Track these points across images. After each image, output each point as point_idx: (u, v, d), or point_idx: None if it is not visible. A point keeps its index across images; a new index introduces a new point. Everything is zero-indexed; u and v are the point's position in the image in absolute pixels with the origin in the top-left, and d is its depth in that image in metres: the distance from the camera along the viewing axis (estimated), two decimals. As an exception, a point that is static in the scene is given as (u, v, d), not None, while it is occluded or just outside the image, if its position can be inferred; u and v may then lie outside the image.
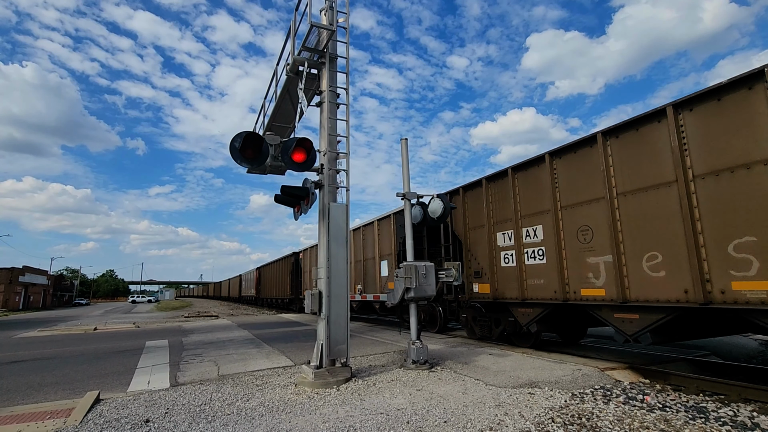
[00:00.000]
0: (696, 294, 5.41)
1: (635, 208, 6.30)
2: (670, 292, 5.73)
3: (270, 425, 4.30)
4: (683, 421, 4.19)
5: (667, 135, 5.91)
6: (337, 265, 6.30)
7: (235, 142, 5.68)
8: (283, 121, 9.18)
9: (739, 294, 5.07)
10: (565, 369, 6.41)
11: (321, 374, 5.94)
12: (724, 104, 5.38)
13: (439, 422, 4.25)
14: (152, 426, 4.40)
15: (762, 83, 5.01)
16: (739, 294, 5.06)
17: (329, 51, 6.98)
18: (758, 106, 5.04)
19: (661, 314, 5.89)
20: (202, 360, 8.35)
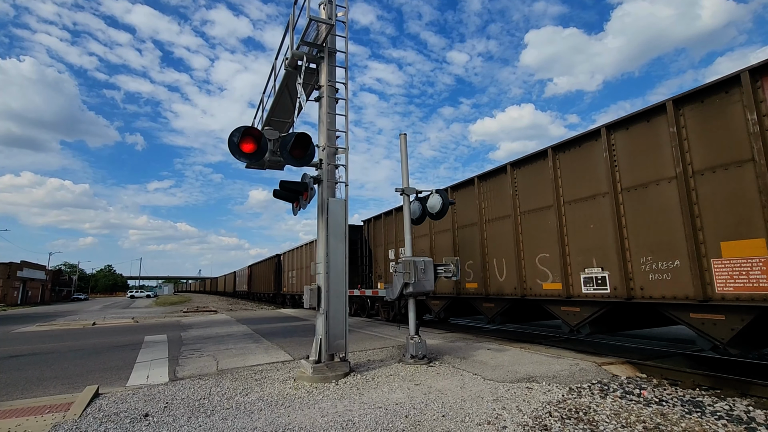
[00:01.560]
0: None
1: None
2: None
3: (269, 419, 4.32)
4: (679, 415, 4.22)
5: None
6: (336, 260, 6.30)
7: (234, 137, 5.66)
8: (282, 116, 9.15)
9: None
10: (562, 364, 6.44)
11: (320, 369, 5.96)
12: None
13: (437, 416, 4.28)
14: (151, 420, 4.41)
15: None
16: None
17: (328, 45, 6.95)
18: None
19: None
20: (201, 355, 8.37)
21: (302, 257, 23.10)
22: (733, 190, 5.25)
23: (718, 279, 5.28)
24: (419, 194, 7.98)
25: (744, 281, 5.05)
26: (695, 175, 5.61)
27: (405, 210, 7.68)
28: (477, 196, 9.62)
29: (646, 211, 6.18)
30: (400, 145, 7.83)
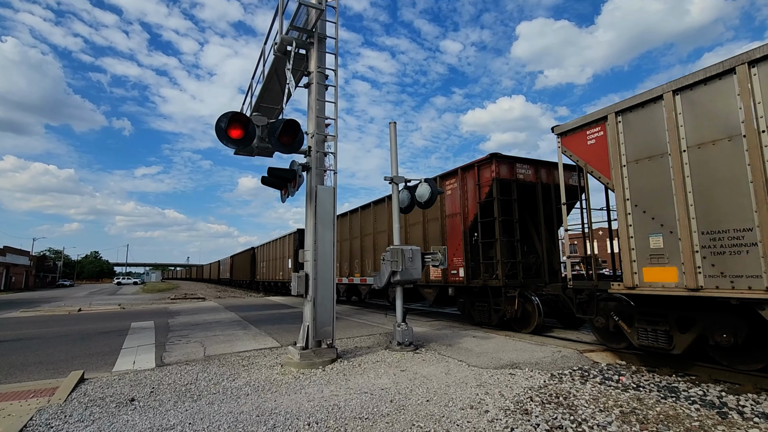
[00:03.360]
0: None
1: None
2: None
3: (255, 404, 4.36)
4: (655, 400, 4.37)
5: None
6: (324, 247, 6.32)
7: (221, 123, 5.59)
8: (271, 102, 9.04)
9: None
10: (545, 351, 6.59)
11: (307, 355, 6.01)
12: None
13: (421, 401, 4.36)
14: (137, 404, 4.43)
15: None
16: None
17: (318, 31, 6.85)
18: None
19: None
20: (189, 341, 8.37)
21: (272, 250, 26.68)
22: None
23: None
24: (408, 183, 8.00)
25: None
26: None
27: (393, 199, 7.69)
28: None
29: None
30: (390, 133, 7.82)
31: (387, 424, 3.76)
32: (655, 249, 5.59)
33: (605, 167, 6.34)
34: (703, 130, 5.18)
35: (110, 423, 3.91)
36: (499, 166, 8.90)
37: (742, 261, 4.73)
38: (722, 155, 4.99)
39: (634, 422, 3.76)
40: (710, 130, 5.11)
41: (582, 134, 6.77)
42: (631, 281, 5.78)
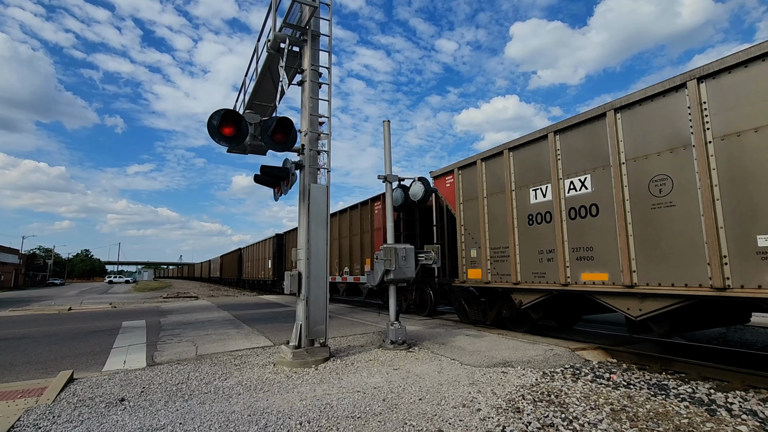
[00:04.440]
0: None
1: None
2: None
3: (247, 403, 4.34)
4: (645, 398, 4.41)
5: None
6: (317, 246, 6.29)
7: (213, 120, 5.54)
8: (265, 100, 8.98)
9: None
10: (537, 349, 6.62)
11: (300, 354, 5.99)
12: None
13: (414, 399, 4.37)
14: (127, 404, 4.38)
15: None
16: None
17: (311, 28, 6.81)
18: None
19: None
20: (180, 340, 8.31)
21: (256, 252, 30.14)
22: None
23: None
24: (402, 181, 7.99)
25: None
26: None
27: (387, 197, 7.69)
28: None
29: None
30: (384, 132, 7.80)
31: (379, 423, 3.76)
32: (473, 257, 9.08)
33: (453, 203, 9.74)
34: (493, 187, 8.62)
35: (99, 423, 3.87)
36: None
37: (505, 265, 8.18)
38: (498, 202, 8.48)
39: (625, 420, 3.79)
40: (496, 186, 8.53)
41: (443, 179, 10.10)
42: (463, 278, 9.30)
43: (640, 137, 5.94)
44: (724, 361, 6.08)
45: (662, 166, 5.67)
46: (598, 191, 6.51)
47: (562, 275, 6.93)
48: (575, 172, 6.90)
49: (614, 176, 6.24)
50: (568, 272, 6.88)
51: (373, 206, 13.46)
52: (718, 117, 5.14)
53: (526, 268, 7.66)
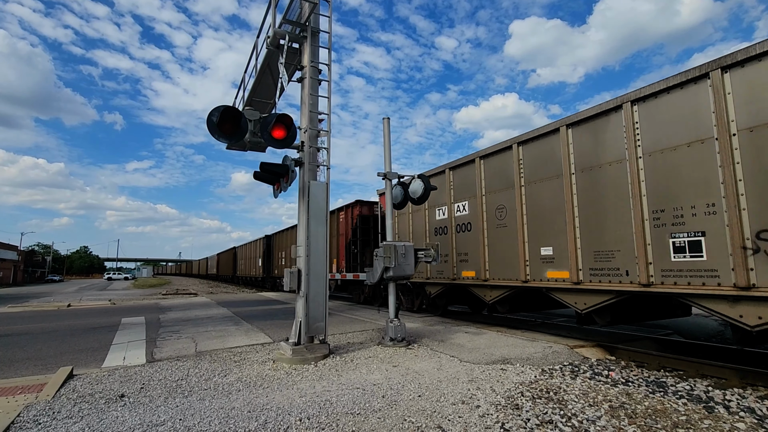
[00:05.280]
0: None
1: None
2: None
3: (247, 399, 4.35)
4: (643, 395, 4.42)
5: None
6: (317, 243, 6.30)
7: (213, 117, 5.52)
8: (264, 97, 8.96)
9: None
10: (536, 346, 6.64)
11: (299, 351, 6.01)
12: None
13: (413, 396, 4.38)
14: (127, 401, 4.39)
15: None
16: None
17: (311, 25, 6.79)
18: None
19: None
20: (180, 337, 8.32)
21: (249, 251, 33.21)
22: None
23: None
24: (401, 179, 7.99)
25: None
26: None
27: (387, 194, 7.69)
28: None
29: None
30: (383, 129, 7.79)
31: (379, 420, 3.77)
32: None
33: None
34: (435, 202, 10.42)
35: (99, 419, 3.87)
36: (361, 208, 14.84)
37: (422, 265, 9.73)
38: (418, 216, 11.19)
39: (623, 417, 3.80)
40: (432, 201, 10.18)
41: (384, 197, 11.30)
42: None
43: (489, 178, 8.83)
44: (722, 358, 6.10)
45: (502, 199, 8.42)
46: (471, 213, 9.27)
47: (452, 273, 9.69)
48: (460, 199, 9.65)
49: (478, 204, 9.03)
50: (455, 270, 9.60)
51: (338, 215, 16.12)
52: (525, 171, 7.97)
53: (433, 267, 10.37)
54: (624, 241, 6.12)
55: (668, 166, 5.68)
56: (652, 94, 5.90)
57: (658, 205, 5.75)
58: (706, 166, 5.28)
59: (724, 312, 5.10)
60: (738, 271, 4.88)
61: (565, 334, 7.92)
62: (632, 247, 5.99)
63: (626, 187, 6.14)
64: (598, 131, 6.62)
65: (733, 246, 4.94)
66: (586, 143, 6.78)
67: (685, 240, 5.44)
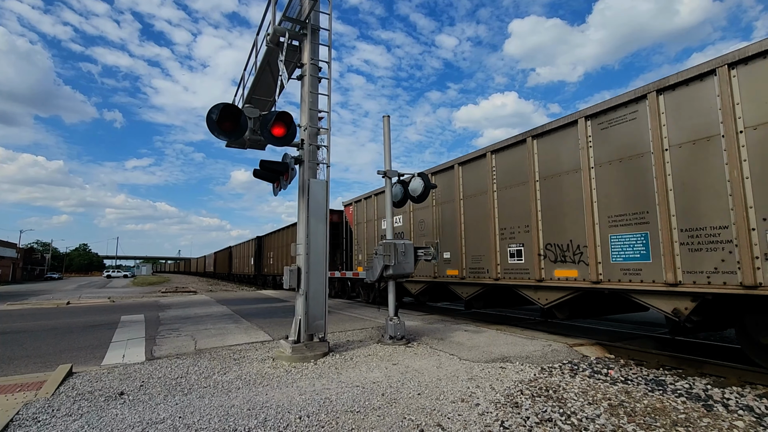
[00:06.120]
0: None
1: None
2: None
3: (247, 397, 4.35)
4: (642, 393, 4.43)
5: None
6: (317, 241, 6.29)
7: (212, 114, 5.51)
8: (264, 94, 8.94)
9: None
10: (535, 345, 6.65)
11: (299, 349, 6.01)
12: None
13: (413, 394, 4.38)
14: (127, 398, 4.39)
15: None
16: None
17: (311, 22, 6.77)
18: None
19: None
20: (179, 334, 8.32)
21: (243, 250, 35.72)
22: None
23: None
24: (401, 177, 7.98)
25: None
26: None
27: (387, 192, 7.68)
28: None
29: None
30: (383, 127, 7.78)
31: (378, 418, 3.77)
32: (360, 259, 14.31)
33: (352, 223, 15.14)
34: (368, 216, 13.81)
35: (99, 417, 3.87)
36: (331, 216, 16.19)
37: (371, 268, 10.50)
38: (370, 226, 13.72)
39: (622, 415, 3.81)
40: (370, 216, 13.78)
41: (348, 207, 15.55)
42: (354, 273, 14.23)
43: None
44: (721, 357, 6.11)
45: (422, 215, 10.88)
46: (405, 224, 11.74)
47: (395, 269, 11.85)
48: (397, 213, 11.89)
49: (409, 219, 11.55)
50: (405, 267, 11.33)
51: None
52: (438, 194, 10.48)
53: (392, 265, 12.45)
54: (488, 249, 8.59)
55: (507, 198, 8.20)
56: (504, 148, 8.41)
57: (503, 225, 8.28)
58: (526, 201, 7.74)
59: (530, 295, 7.69)
60: (536, 270, 7.42)
61: (564, 333, 7.93)
62: (489, 253, 8.52)
63: (490, 209, 8.59)
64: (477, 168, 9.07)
65: (534, 253, 7.45)
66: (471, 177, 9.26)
67: (515, 249, 7.92)
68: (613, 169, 6.28)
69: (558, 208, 7.11)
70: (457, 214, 9.48)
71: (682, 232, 5.40)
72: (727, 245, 4.95)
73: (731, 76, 5.01)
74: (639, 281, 5.85)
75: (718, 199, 5.05)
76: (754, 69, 4.84)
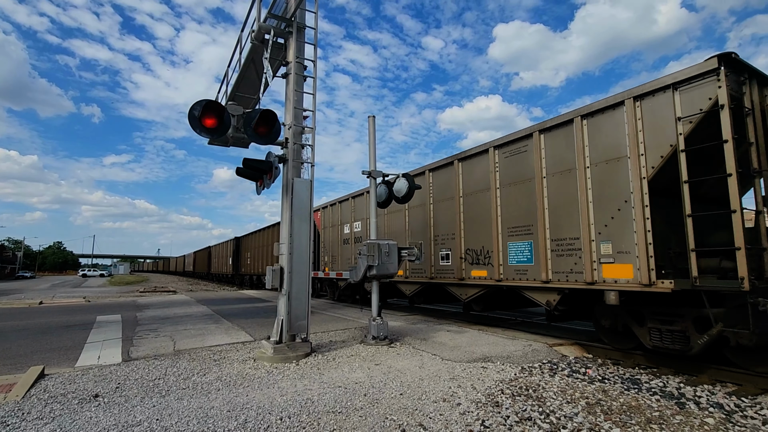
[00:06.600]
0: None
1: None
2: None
3: (227, 399, 4.29)
4: (619, 392, 4.54)
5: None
6: (300, 240, 6.24)
7: (195, 111, 5.41)
8: (248, 92, 8.84)
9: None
10: (516, 345, 6.74)
11: (281, 349, 5.95)
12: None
13: (395, 394, 4.39)
14: (102, 401, 4.27)
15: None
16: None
17: (297, 20, 6.72)
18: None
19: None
20: (158, 335, 8.14)
21: (222, 250, 36.82)
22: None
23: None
24: (386, 177, 7.99)
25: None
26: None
27: (371, 192, 7.67)
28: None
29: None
30: (369, 127, 7.78)
31: (360, 418, 3.77)
32: (326, 261, 15.23)
33: (320, 227, 15.76)
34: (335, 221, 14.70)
35: (72, 420, 3.76)
36: None
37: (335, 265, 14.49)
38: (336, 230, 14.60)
39: (599, 413, 3.89)
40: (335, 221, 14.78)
41: (317, 213, 15.88)
42: (323, 273, 15.11)
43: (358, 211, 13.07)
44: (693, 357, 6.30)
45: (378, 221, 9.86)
46: (362, 230, 12.76)
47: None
48: (357, 220, 13.18)
49: (361, 226, 12.86)
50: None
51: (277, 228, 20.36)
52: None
53: (344, 266, 13.72)
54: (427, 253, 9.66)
55: (439, 210, 9.54)
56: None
57: (437, 233, 9.55)
58: (452, 213, 9.05)
59: (455, 291, 9.02)
60: (459, 270, 8.79)
61: (545, 333, 8.06)
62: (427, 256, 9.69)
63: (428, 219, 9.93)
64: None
65: (458, 257, 8.75)
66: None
67: (445, 253, 9.22)
68: (512, 190, 7.67)
69: (475, 219, 8.46)
70: (404, 223, 10.86)
71: (552, 242, 6.84)
72: (578, 252, 6.42)
73: (583, 125, 6.48)
74: (526, 279, 7.25)
75: (574, 216, 6.51)
76: (595, 121, 6.35)
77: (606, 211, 6.07)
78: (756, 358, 5.02)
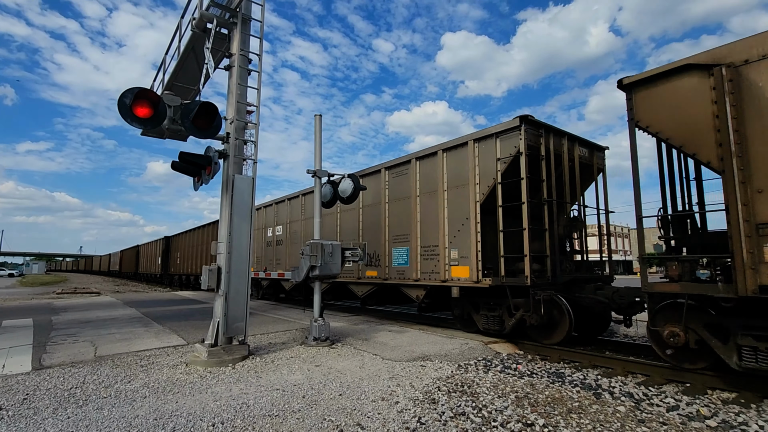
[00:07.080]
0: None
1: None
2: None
3: (153, 406, 4.03)
4: (545, 385, 4.86)
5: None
6: (240, 239, 6.03)
7: (126, 98, 5.04)
8: (187, 82, 8.38)
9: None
10: (454, 343, 6.98)
11: (216, 352, 5.70)
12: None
13: (334, 395, 4.38)
14: (5, 414, 3.84)
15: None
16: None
17: (242, 11, 6.50)
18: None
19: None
20: (76, 340, 7.45)
21: (150, 249, 36.33)
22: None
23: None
24: (331, 177, 7.94)
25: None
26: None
27: (316, 192, 7.59)
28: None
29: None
30: (315, 126, 7.69)
31: (297, 420, 3.71)
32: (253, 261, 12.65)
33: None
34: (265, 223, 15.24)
35: (-33, 437, 3.34)
36: None
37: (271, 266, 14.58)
38: (262, 233, 15.14)
39: (527, 405, 4.15)
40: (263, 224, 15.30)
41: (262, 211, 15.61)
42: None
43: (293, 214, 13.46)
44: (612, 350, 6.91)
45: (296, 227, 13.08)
46: (284, 233, 13.80)
47: (276, 271, 13.83)
48: (279, 224, 14.18)
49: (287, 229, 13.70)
50: (279, 269, 13.69)
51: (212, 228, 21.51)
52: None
53: (272, 267, 14.32)
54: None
55: (346, 219, 10.94)
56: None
57: (342, 237, 10.74)
58: (355, 222, 10.46)
59: (353, 289, 10.45)
60: (357, 271, 10.30)
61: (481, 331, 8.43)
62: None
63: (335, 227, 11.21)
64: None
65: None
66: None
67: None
68: (397, 204, 9.25)
69: (372, 228, 9.89)
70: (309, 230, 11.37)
71: (421, 248, 8.49)
72: (437, 256, 8.10)
73: (443, 156, 8.22)
74: (404, 278, 8.85)
75: (435, 228, 8.20)
76: (452, 154, 8.10)
77: (455, 225, 7.84)
78: (542, 333, 6.96)
